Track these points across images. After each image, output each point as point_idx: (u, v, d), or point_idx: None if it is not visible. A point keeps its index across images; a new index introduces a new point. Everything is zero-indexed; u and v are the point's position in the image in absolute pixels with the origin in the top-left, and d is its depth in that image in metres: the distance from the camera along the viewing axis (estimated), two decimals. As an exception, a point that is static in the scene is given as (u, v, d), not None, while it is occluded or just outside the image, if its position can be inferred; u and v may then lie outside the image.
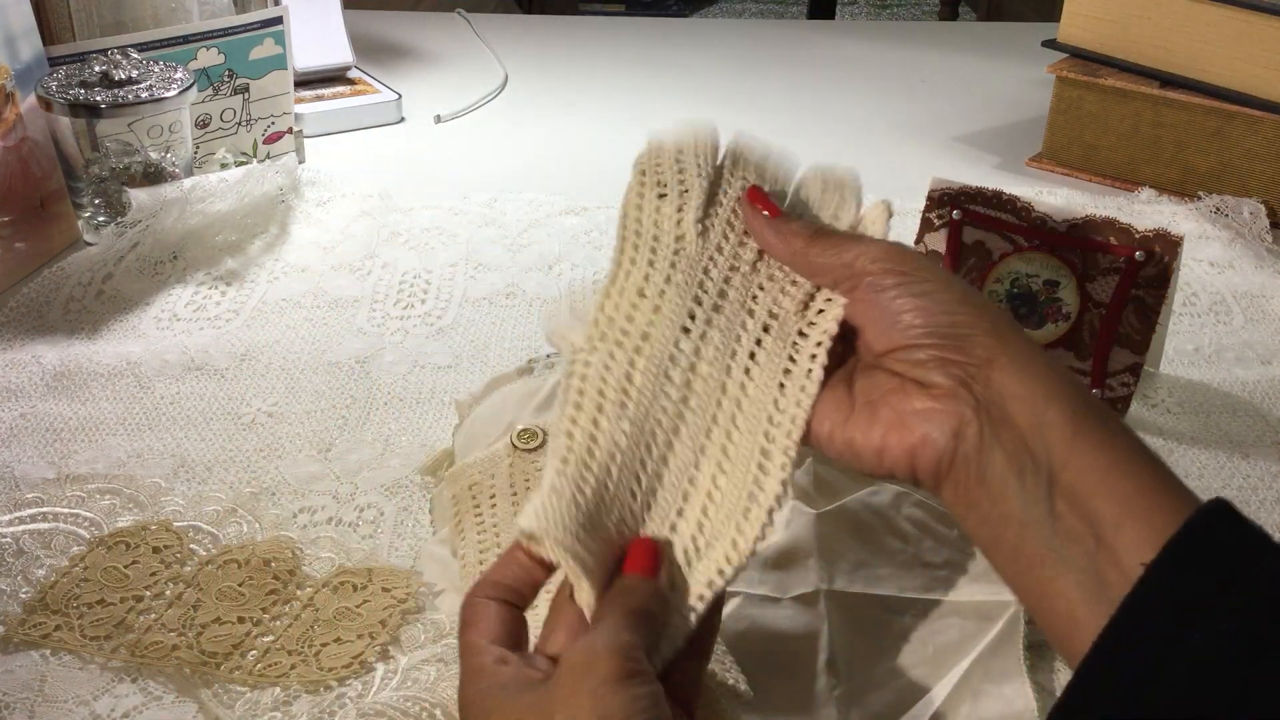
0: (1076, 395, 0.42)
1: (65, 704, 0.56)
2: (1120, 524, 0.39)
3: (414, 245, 0.99)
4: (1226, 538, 0.38)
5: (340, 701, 0.56)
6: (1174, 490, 0.40)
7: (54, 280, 0.90)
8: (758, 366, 0.47)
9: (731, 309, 0.48)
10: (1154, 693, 0.36)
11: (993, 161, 1.18)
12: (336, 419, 0.77)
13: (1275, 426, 0.78)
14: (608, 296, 0.47)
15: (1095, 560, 0.39)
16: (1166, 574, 0.37)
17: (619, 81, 1.38)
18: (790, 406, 0.46)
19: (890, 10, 4.12)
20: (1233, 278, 0.96)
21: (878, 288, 0.45)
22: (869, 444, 0.45)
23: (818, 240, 0.48)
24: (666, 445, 0.46)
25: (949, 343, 0.43)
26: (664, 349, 0.47)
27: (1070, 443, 0.41)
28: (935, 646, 0.58)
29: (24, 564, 0.64)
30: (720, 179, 0.50)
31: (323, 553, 0.65)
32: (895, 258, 0.46)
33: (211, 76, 1.03)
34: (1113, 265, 0.72)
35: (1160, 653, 0.36)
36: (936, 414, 0.43)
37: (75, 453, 0.73)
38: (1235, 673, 0.35)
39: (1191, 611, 0.36)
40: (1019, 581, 0.42)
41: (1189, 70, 1.06)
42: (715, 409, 0.47)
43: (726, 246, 0.49)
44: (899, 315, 0.45)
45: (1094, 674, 0.38)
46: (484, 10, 1.67)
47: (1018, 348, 0.43)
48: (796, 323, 0.48)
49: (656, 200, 0.49)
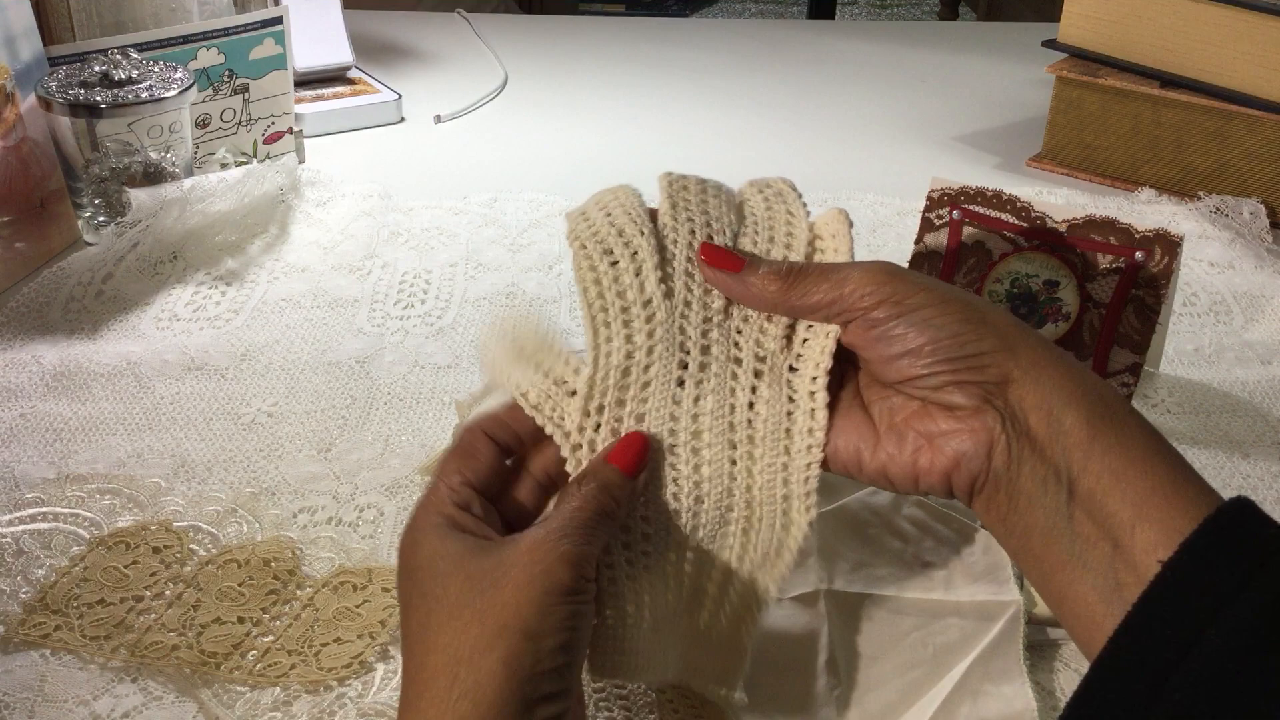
0: (1092, 396, 0.42)
1: (65, 704, 0.56)
2: (1135, 526, 0.39)
3: (414, 245, 0.99)
4: (1244, 535, 0.38)
5: (340, 701, 0.56)
6: (1191, 488, 0.40)
7: (54, 280, 0.90)
8: (759, 417, 0.47)
9: (718, 364, 0.47)
10: (1167, 690, 0.36)
11: (993, 161, 1.18)
12: (336, 419, 0.77)
13: (1275, 426, 0.78)
14: (594, 383, 0.45)
15: (1112, 563, 0.39)
16: (1183, 572, 0.37)
17: (619, 81, 1.39)
18: (800, 452, 0.46)
19: (890, 10, 4.11)
20: (1233, 278, 0.96)
21: (873, 323, 0.44)
22: (902, 469, 0.44)
23: (795, 284, 0.45)
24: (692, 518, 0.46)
25: (961, 365, 0.43)
26: (662, 423, 0.46)
27: (1087, 448, 0.41)
28: (935, 646, 0.58)
29: (24, 564, 0.64)
30: (664, 230, 0.48)
31: (323, 553, 0.65)
32: (883, 286, 0.44)
33: (211, 76, 1.03)
34: (1113, 265, 0.72)
35: (1173, 651, 0.36)
36: (967, 434, 0.43)
37: (75, 453, 0.73)
38: (1249, 670, 0.35)
39: (1206, 609, 0.36)
40: (1045, 587, 0.42)
41: (1189, 70, 1.06)
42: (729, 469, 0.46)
43: (694, 299, 0.47)
44: (904, 350, 0.43)
45: (1106, 673, 0.38)
46: (484, 10, 1.67)
47: (1029, 356, 0.42)
48: (785, 359, 0.47)
49: (610, 269, 0.46)
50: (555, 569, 0.41)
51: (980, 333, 0.43)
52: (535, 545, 0.41)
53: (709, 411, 0.46)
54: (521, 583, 0.40)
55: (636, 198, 0.48)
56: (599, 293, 0.46)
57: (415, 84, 1.32)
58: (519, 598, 0.40)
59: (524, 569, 0.41)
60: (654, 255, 0.46)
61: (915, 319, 0.43)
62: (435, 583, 0.42)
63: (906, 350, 0.43)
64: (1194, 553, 0.37)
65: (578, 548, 0.42)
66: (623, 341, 0.46)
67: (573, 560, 0.41)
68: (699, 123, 1.27)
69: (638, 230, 0.47)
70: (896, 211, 1.06)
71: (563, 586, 0.41)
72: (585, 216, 0.48)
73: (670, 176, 0.49)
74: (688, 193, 0.48)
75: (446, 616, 0.41)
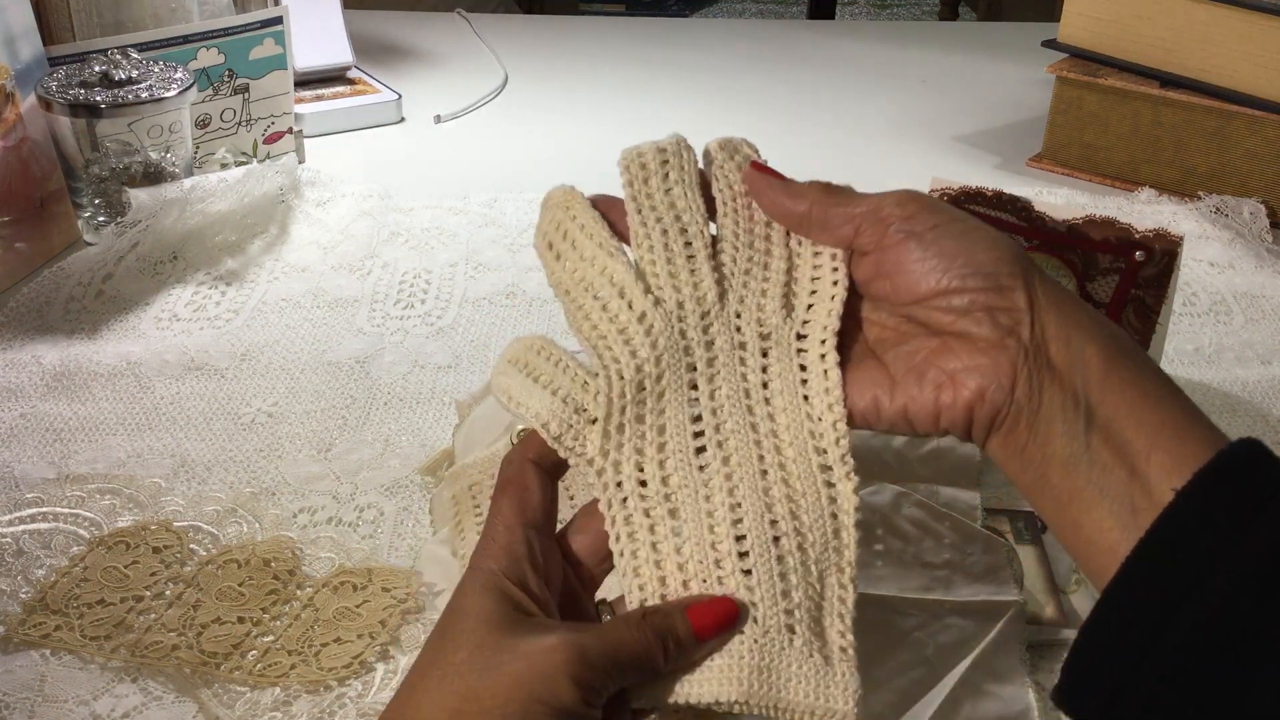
0: (1108, 334, 0.43)
1: (65, 704, 0.56)
2: (1150, 453, 0.40)
3: (414, 245, 0.99)
4: (1256, 470, 0.38)
5: (340, 701, 0.56)
6: (1203, 425, 0.40)
7: (54, 280, 0.90)
8: (775, 392, 0.46)
9: (724, 354, 0.46)
10: (1179, 616, 0.36)
11: (993, 161, 1.18)
12: (336, 419, 0.77)
13: (1275, 426, 0.78)
14: (610, 405, 0.45)
15: (1129, 489, 0.40)
16: (1198, 500, 0.38)
17: (619, 81, 1.38)
18: (824, 412, 0.45)
19: (890, 10, 4.11)
20: (1233, 278, 0.96)
21: (910, 232, 0.44)
22: (923, 408, 0.44)
23: (832, 193, 0.46)
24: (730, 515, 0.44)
25: (991, 285, 0.43)
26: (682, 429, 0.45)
27: (1104, 379, 0.41)
28: (935, 646, 0.58)
29: (24, 564, 0.64)
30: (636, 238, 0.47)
31: (323, 553, 0.65)
32: (921, 200, 0.45)
33: (211, 76, 1.03)
34: (1113, 265, 0.72)
35: (1186, 578, 0.37)
36: (989, 368, 0.43)
37: (75, 453, 0.73)
38: (1263, 599, 0.36)
39: (1220, 537, 0.37)
40: (1060, 519, 0.42)
41: (1189, 70, 1.06)
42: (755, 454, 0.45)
43: (685, 299, 0.46)
44: (937, 255, 0.44)
45: (1120, 597, 0.38)
46: (484, 10, 1.67)
47: (1048, 292, 0.43)
48: (790, 329, 0.47)
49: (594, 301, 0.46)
50: (560, 681, 0.38)
51: (1008, 260, 0.43)
52: (553, 649, 0.39)
53: (725, 403, 0.46)
54: (519, 677, 0.39)
55: (588, 212, 0.48)
56: (592, 325, 0.46)
57: (415, 84, 1.32)
58: (509, 694, 0.38)
59: (529, 665, 0.39)
60: (630, 271, 0.46)
61: (950, 230, 0.44)
62: (450, 636, 0.41)
63: (940, 256, 0.43)
64: (1208, 482, 0.38)
65: (595, 677, 0.39)
66: (629, 358, 0.45)
67: (583, 685, 0.39)
68: (699, 123, 1.27)
69: (606, 254, 0.46)
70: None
71: (559, 701, 0.38)
72: (557, 257, 0.48)
73: (628, 164, 0.48)
74: (649, 186, 0.48)
75: (440, 677, 0.40)
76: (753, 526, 0.44)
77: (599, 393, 0.45)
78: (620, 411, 0.45)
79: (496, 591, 0.41)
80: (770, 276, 0.47)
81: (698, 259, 0.47)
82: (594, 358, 0.45)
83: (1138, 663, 0.37)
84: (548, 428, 0.44)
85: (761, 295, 0.47)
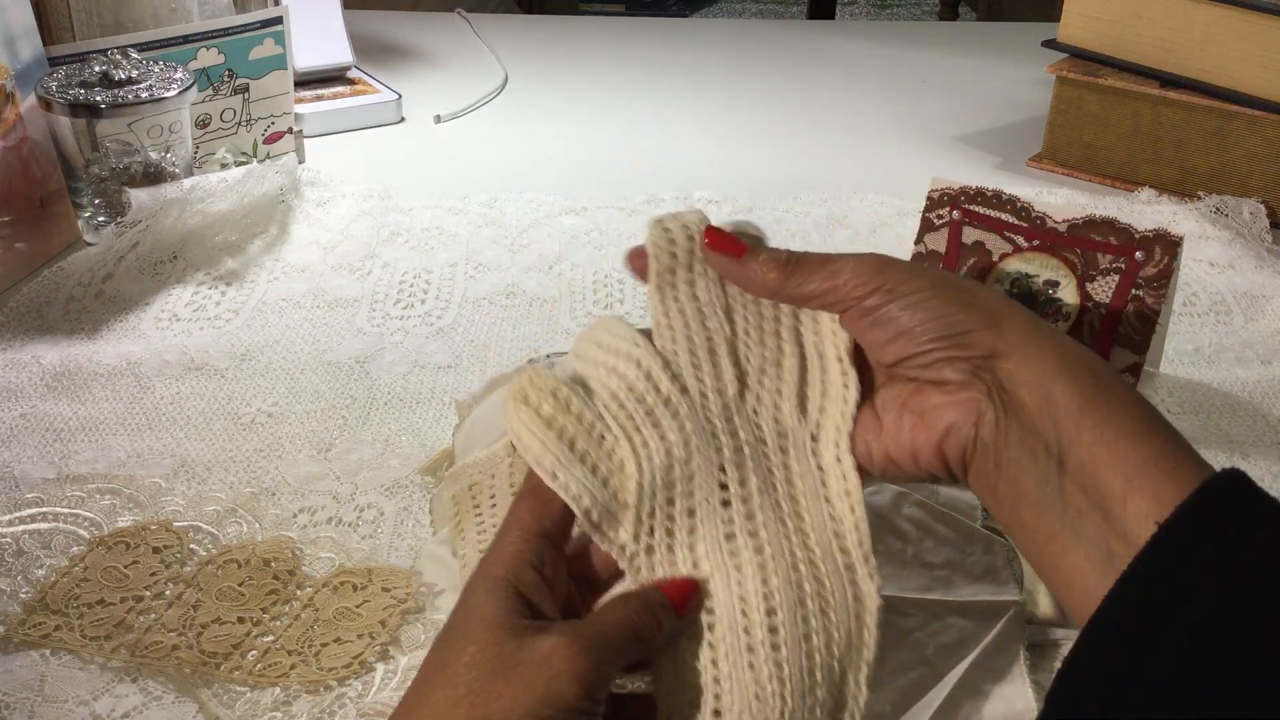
0: (1084, 370, 0.42)
1: (65, 704, 0.56)
2: (1127, 496, 0.39)
3: (414, 245, 0.99)
4: (1237, 502, 0.38)
5: (340, 701, 0.56)
6: (1184, 459, 0.40)
7: (54, 280, 0.90)
8: (797, 490, 0.46)
9: (750, 447, 0.46)
10: (1159, 646, 0.36)
11: (993, 161, 1.18)
12: (336, 419, 0.77)
13: (1275, 426, 0.78)
14: (642, 490, 0.45)
15: (1104, 534, 0.40)
16: (1177, 533, 0.38)
17: (619, 81, 1.39)
18: (845, 513, 0.46)
19: (890, 10, 4.12)
20: (1233, 278, 0.95)
21: (865, 310, 0.45)
22: (902, 449, 0.45)
23: (793, 272, 0.47)
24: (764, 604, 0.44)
25: (950, 342, 0.44)
26: (712, 513, 0.45)
27: (1078, 420, 0.41)
28: (935, 646, 0.58)
29: (24, 564, 0.64)
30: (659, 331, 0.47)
31: (323, 553, 0.65)
32: (876, 275, 0.45)
33: (211, 76, 1.03)
34: (1113, 265, 0.72)
35: (1166, 608, 0.36)
36: (955, 405, 0.44)
37: (75, 453, 0.73)
38: (1240, 627, 0.35)
39: (1199, 568, 0.36)
40: (1038, 559, 0.42)
41: (1189, 70, 1.06)
42: (788, 549, 0.45)
43: (708, 390, 0.47)
44: (896, 332, 0.45)
45: (1099, 631, 0.38)
46: (484, 10, 1.67)
47: (1018, 332, 0.43)
48: (805, 430, 0.47)
49: (619, 382, 0.46)
50: (562, 681, 0.39)
51: (967, 312, 0.44)
52: (554, 650, 0.40)
53: (755, 493, 0.46)
54: (525, 683, 0.39)
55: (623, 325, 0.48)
56: (620, 404, 0.46)
57: (415, 84, 1.32)
58: (515, 699, 0.39)
59: (534, 669, 0.40)
60: (657, 358, 0.46)
61: (906, 303, 0.45)
62: (459, 637, 0.41)
63: (899, 333, 0.45)
64: (1188, 516, 0.38)
65: (595, 667, 0.40)
66: (659, 441, 0.45)
67: (585, 680, 0.40)
68: (699, 123, 1.27)
69: (632, 343, 0.47)
70: (896, 211, 1.06)
71: (564, 702, 0.39)
72: (578, 355, 0.48)
73: (657, 252, 0.48)
74: (675, 276, 0.48)
75: (446, 679, 0.40)
76: (786, 619, 0.44)
77: (631, 478, 0.45)
78: (651, 495, 0.45)
79: (504, 596, 0.42)
80: (784, 376, 0.48)
81: (718, 353, 0.47)
82: (622, 441, 0.45)
83: (1123, 691, 0.37)
84: (588, 513, 0.44)
85: (777, 394, 0.48)
